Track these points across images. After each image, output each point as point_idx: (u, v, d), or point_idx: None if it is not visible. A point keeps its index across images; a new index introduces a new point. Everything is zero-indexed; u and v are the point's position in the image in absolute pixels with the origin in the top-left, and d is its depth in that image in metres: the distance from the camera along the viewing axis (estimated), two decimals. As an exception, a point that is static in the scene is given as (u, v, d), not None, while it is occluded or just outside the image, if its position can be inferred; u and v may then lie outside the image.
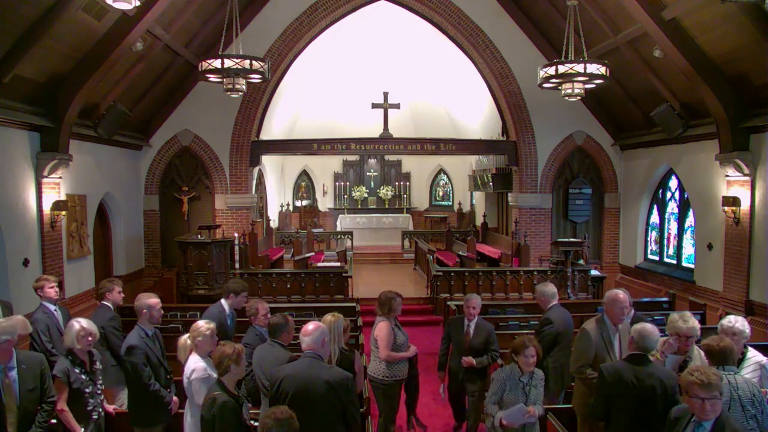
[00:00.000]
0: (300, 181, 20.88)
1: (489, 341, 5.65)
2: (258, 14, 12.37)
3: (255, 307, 5.37)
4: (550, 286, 5.79)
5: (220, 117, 12.65)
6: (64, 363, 4.34)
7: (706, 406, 3.24)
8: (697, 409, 3.29)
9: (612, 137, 13.12)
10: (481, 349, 5.62)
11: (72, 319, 4.55)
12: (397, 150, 15.90)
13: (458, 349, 5.72)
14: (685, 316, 4.43)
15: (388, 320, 5.40)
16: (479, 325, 5.73)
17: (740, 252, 8.96)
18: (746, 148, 8.81)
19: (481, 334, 5.67)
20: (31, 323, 5.44)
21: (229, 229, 12.38)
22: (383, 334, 5.33)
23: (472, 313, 5.73)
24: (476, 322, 5.74)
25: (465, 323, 5.78)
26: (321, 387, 3.74)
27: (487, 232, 15.81)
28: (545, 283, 6.03)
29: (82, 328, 4.39)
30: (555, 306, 5.64)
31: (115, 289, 5.81)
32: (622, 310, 4.75)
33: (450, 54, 13.78)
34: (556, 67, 8.46)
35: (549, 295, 5.69)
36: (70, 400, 4.28)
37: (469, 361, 5.55)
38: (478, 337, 5.65)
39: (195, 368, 4.31)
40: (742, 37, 7.91)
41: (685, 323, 4.37)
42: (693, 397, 3.28)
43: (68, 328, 4.43)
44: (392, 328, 5.37)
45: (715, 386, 3.24)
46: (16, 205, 7.94)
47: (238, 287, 5.92)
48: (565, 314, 5.62)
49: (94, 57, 8.52)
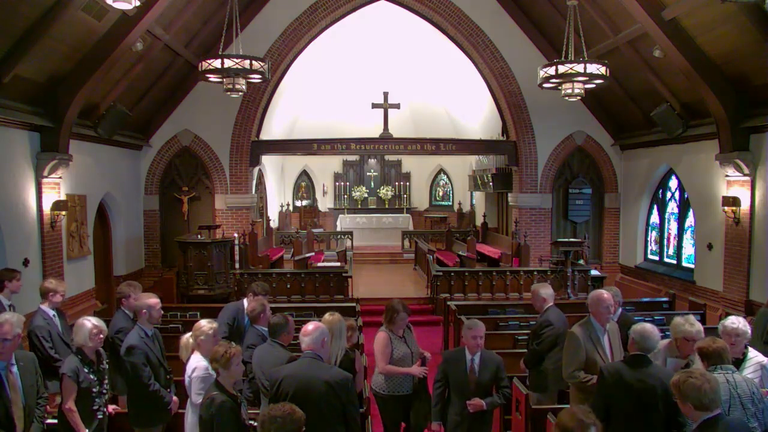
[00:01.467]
0: (300, 181, 20.88)
1: (499, 376, 4.68)
2: (258, 14, 12.37)
3: (260, 308, 5.33)
4: (547, 288, 5.68)
5: (220, 117, 12.65)
6: (73, 362, 4.28)
7: None
8: None
9: (612, 137, 13.12)
10: (489, 386, 4.68)
11: (82, 318, 4.50)
12: (397, 150, 15.90)
13: (459, 392, 4.64)
14: (691, 320, 4.44)
15: (386, 331, 5.06)
16: (485, 358, 4.69)
17: (740, 252, 8.96)
18: (746, 148, 8.81)
19: (488, 368, 4.66)
20: (32, 330, 5.46)
21: (229, 229, 12.38)
22: (379, 346, 5.02)
23: (478, 344, 4.66)
24: (481, 354, 4.70)
25: (467, 358, 4.68)
26: (321, 387, 3.74)
27: (487, 232, 15.81)
28: (542, 284, 5.87)
29: (94, 326, 4.36)
30: (552, 307, 5.58)
31: (131, 296, 5.50)
32: (607, 309, 4.70)
33: (450, 54, 13.78)
34: (556, 67, 8.46)
35: (547, 296, 5.60)
36: (78, 399, 4.25)
37: (477, 404, 4.53)
38: (486, 373, 4.64)
39: (196, 367, 4.32)
40: (742, 37, 7.90)
41: (692, 326, 4.37)
42: None
43: (79, 327, 4.37)
44: (390, 339, 5.01)
45: None
46: (16, 205, 7.94)
47: (260, 290, 5.87)
48: (561, 315, 5.58)
49: (94, 57, 8.51)
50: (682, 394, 3.29)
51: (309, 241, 15.47)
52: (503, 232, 15.24)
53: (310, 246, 15.21)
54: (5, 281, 5.75)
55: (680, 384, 3.31)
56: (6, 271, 5.97)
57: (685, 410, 3.34)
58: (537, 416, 4.80)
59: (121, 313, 5.54)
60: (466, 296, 10.63)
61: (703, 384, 3.24)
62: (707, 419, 3.24)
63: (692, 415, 3.30)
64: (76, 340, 4.37)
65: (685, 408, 3.33)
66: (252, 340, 5.14)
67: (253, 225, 12.89)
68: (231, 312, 5.90)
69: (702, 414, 3.25)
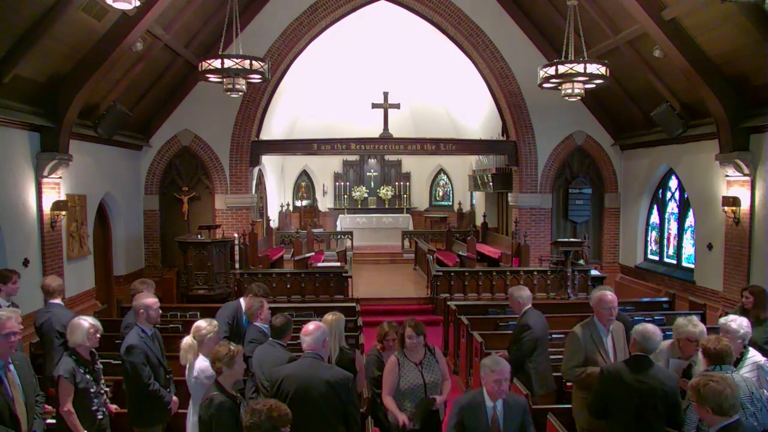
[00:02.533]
0: (300, 181, 20.88)
1: (525, 423, 3.88)
2: (258, 14, 12.37)
3: (258, 305, 5.33)
4: (525, 290, 5.61)
5: (220, 117, 12.65)
6: (69, 363, 4.26)
7: None
8: None
9: (612, 137, 13.12)
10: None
11: (77, 317, 4.46)
12: (397, 150, 15.90)
13: None
14: (694, 321, 4.42)
15: (398, 355, 4.41)
16: (510, 404, 3.85)
17: (740, 252, 8.95)
18: (746, 148, 8.80)
19: (514, 417, 3.82)
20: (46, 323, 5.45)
21: (229, 229, 12.38)
22: (385, 371, 4.42)
23: (503, 390, 3.78)
24: (504, 401, 3.83)
25: (486, 405, 3.80)
26: (321, 387, 3.73)
27: (487, 232, 15.81)
28: (519, 286, 5.75)
29: (91, 325, 4.35)
30: (530, 310, 5.53)
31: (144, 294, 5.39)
32: (609, 310, 4.63)
33: (450, 54, 13.78)
34: (556, 67, 8.46)
35: (525, 298, 5.53)
36: (76, 400, 4.23)
37: None
38: (511, 424, 3.81)
39: (206, 368, 4.27)
40: (742, 37, 7.90)
41: (695, 327, 4.35)
42: None
43: (76, 327, 4.34)
44: (398, 364, 4.35)
45: None
46: (16, 205, 7.94)
47: (260, 292, 5.83)
48: (540, 317, 5.54)
49: (94, 57, 8.51)
50: (701, 397, 3.18)
51: (309, 241, 15.47)
52: (503, 232, 15.24)
53: (310, 246, 15.21)
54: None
55: (700, 387, 3.20)
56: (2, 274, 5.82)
57: (701, 413, 3.25)
58: (537, 416, 4.80)
59: (134, 310, 5.56)
60: (466, 296, 10.63)
61: (725, 389, 3.15)
62: (726, 425, 3.15)
63: (710, 420, 3.20)
64: (75, 340, 4.35)
65: (701, 411, 3.23)
66: (253, 335, 5.16)
67: (253, 225, 12.89)
68: (230, 311, 5.91)
69: (721, 419, 3.16)
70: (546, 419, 4.60)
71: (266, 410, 3.06)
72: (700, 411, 3.27)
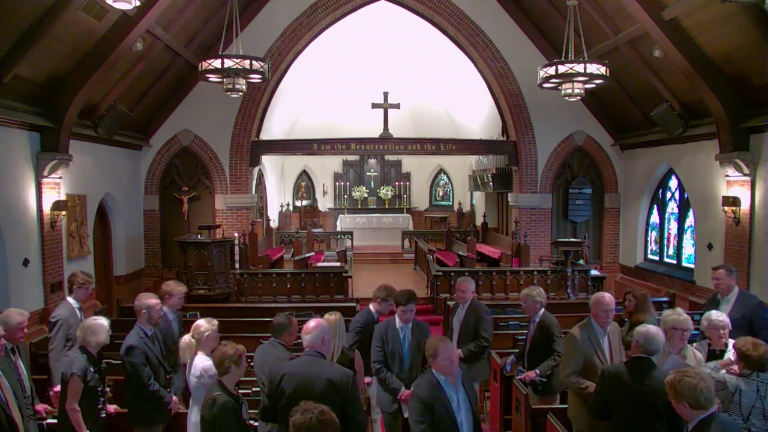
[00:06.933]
0: (300, 181, 20.88)
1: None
2: (258, 14, 12.37)
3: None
4: (539, 289, 5.52)
5: (220, 117, 12.65)
6: (82, 361, 4.28)
7: None
8: None
9: (612, 137, 13.12)
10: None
11: (94, 318, 4.51)
12: (397, 150, 15.89)
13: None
14: (678, 310, 4.51)
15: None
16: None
17: (740, 252, 8.95)
18: (746, 148, 8.80)
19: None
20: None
21: (229, 229, 12.37)
22: None
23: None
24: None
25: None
26: (322, 384, 3.72)
27: (487, 232, 15.80)
28: (533, 286, 5.66)
29: (107, 325, 4.47)
30: (546, 311, 5.47)
31: (173, 296, 5.48)
32: (606, 312, 4.62)
33: (450, 54, 13.77)
34: (556, 67, 8.46)
35: (543, 299, 5.44)
36: (83, 398, 4.25)
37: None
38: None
39: (209, 367, 4.28)
40: (742, 37, 7.90)
41: (680, 315, 4.44)
42: None
43: (99, 327, 4.38)
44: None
45: None
46: (16, 205, 7.94)
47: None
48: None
49: (94, 57, 8.51)
50: (678, 393, 3.28)
51: (309, 241, 15.47)
52: (503, 232, 15.24)
53: (310, 246, 15.21)
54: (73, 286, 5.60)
55: (675, 383, 3.30)
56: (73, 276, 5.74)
57: (680, 410, 3.32)
58: (537, 416, 4.81)
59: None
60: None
61: (699, 383, 3.23)
62: (704, 418, 3.24)
63: (688, 415, 3.29)
64: (94, 340, 4.37)
65: (680, 407, 3.31)
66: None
67: (253, 225, 12.88)
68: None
69: (698, 413, 3.24)
70: (546, 419, 4.60)
71: (317, 413, 2.92)
72: (677, 407, 3.33)
